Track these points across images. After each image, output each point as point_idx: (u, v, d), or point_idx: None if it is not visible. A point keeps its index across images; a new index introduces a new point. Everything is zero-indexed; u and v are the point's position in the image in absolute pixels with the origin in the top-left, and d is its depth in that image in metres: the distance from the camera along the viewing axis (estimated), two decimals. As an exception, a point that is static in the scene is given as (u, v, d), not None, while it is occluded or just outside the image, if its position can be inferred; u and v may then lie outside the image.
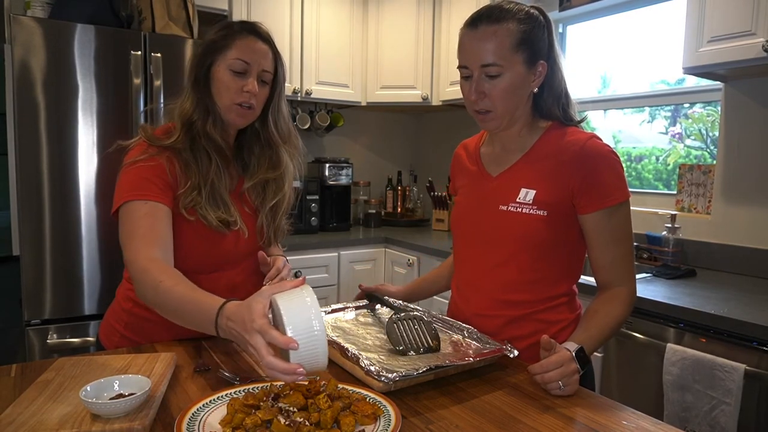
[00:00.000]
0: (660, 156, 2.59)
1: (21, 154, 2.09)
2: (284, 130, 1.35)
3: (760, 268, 2.07)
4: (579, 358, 1.01)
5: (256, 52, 1.24)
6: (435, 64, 3.19)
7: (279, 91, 1.31)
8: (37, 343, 2.14)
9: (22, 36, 2.04)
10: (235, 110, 1.24)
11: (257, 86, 1.24)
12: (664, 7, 2.46)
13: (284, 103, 1.35)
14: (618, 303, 1.15)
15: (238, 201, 1.31)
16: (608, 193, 1.12)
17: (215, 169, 1.24)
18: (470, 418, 0.90)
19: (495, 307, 1.22)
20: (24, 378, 1.02)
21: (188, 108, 1.25)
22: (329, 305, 1.38)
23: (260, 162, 1.34)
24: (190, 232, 1.22)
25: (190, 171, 1.21)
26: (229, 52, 1.23)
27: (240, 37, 1.24)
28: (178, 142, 1.22)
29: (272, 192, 1.35)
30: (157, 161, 1.20)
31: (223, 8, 2.74)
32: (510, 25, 1.11)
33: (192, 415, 0.83)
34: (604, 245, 1.16)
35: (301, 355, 0.82)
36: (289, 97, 3.03)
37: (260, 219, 1.34)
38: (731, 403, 1.49)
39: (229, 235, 1.27)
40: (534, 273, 1.18)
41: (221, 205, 1.24)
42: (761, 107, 2.08)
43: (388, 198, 3.67)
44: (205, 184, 1.22)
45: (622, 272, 1.16)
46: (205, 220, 1.21)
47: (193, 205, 1.20)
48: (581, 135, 1.17)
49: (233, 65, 1.22)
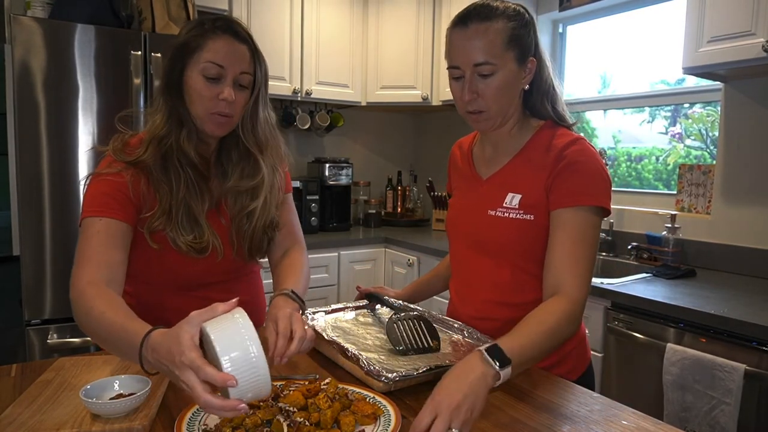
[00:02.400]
0: (660, 156, 2.59)
1: (21, 154, 2.09)
2: (262, 138, 1.21)
3: (760, 268, 2.07)
4: (494, 354, 0.88)
5: (231, 54, 1.10)
6: (435, 64, 3.19)
7: (258, 94, 1.18)
8: (37, 343, 2.14)
9: (22, 36, 2.04)
10: (212, 120, 1.12)
11: (234, 92, 1.11)
12: (664, 7, 2.46)
13: (264, 108, 1.21)
14: (556, 312, 1.01)
15: (215, 216, 1.21)
16: (578, 192, 1.09)
17: (191, 189, 1.14)
18: (470, 418, 0.90)
19: (491, 310, 1.22)
20: (24, 378, 1.02)
21: (159, 122, 1.13)
22: (329, 305, 1.39)
23: (236, 170, 1.21)
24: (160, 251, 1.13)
25: (162, 191, 1.11)
26: (202, 54, 1.09)
27: (213, 38, 1.10)
28: (146, 159, 1.11)
29: (245, 201, 1.21)
30: (121, 177, 1.10)
31: (223, 8, 2.74)
32: (500, 22, 1.10)
33: (192, 415, 0.84)
34: (560, 242, 1.08)
35: (241, 388, 0.72)
36: (289, 97, 3.04)
37: (231, 230, 1.22)
38: (731, 403, 1.49)
39: (207, 260, 1.17)
40: (526, 276, 1.18)
41: (194, 228, 1.14)
42: (761, 107, 2.08)
43: (388, 198, 3.67)
44: (178, 206, 1.12)
45: (573, 275, 1.05)
46: (174, 244, 1.12)
47: (161, 228, 1.11)
48: (568, 137, 1.15)
49: (206, 70, 1.09)
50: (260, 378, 0.74)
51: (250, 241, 1.23)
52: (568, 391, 1.01)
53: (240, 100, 1.14)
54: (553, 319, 1.01)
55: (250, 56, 1.14)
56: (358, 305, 1.40)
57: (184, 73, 1.12)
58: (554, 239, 1.10)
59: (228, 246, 1.21)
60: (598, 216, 1.10)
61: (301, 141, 3.47)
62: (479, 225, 1.22)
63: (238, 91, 1.13)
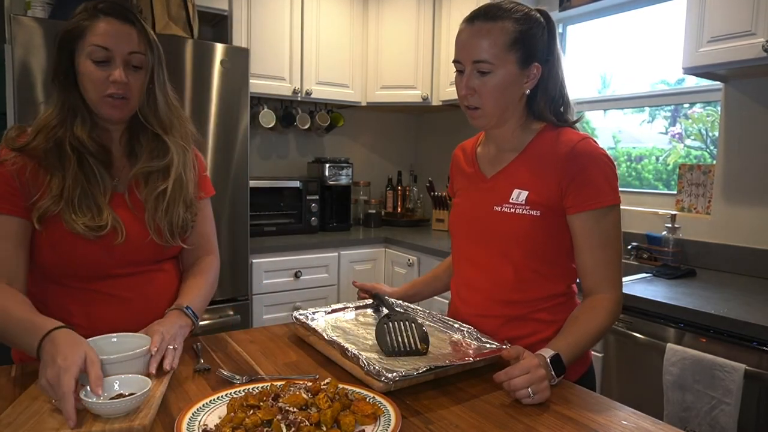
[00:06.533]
0: (660, 156, 2.59)
1: (21, 154, 2.08)
2: (165, 119, 1.21)
3: (760, 268, 2.07)
4: (554, 365, 1.00)
5: (116, 36, 1.10)
6: (435, 64, 3.19)
7: (154, 75, 1.17)
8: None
9: (22, 36, 2.04)
10: (106, 103, 1.12)
11: (126, 74, 1.11)
12: (664, 7, 2.46)
13: (162, 89, 1.20)
14: (600, 311, 1.11)
15: (122, 200, 1.19)
16: (597, 194, 1.11)
17: (87, 173, 1.13)
18: (470, 418, 0.90)
19: (493, 308, 1.23)
20: (24, 378, 1.02)
21: (50, 111, 1.14)
22: (329, 305, 1.38)
23: (144, 152, 1.21)
24: (57, 237, 1.12)
25: (54, 177, 1.11)
26: (87, 39, 1.10)
27: (96, 21, 1.10)
28: (35, 146, 1.11)
29: (156, 182, 1.20)
30: (4, 167, 1.10)
31: (223, 8, 2.74)
32: (506, 24, 1.11)
33: (192, 415, 0.83)
34: (589, 248, 1.14)
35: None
36: (289, 97, 3.04)
37: (147, 212, 1.20)
38: (731, 403, 1.49)
39: (105, 239, 1.14)
40: (529, 273, 1.18)
41: (91, 209, 1.12)
42: (761, 107, 2.08)
43: (388, 198, 3.67)
44: (73, 190, 1.10)
45: (608, 278, 1.13)
46: (70, 227, 1.10)
47: (54, 211, 1.10)
48: (574, 135, 1.17)
49: (93, 54, 1.09)
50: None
51: (170, 223, 1.21)
52: (569, 392, 1.01)
53: (135, 82, 1.14)
54: (599, 319, 1.11)
55: (138, 36, 1.14)
56: (358, 305, 1.40)
57: (74, 60, 1.12)
58: (582, 245, 1.14)
59: (143, 229, 1.19)
60: (617, 211, 1.14)
61: (301, 141, 3.47)
62: (483, 221, 1.22)
63: (131, 73, 1.13)
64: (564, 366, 1.02)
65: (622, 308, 1.16)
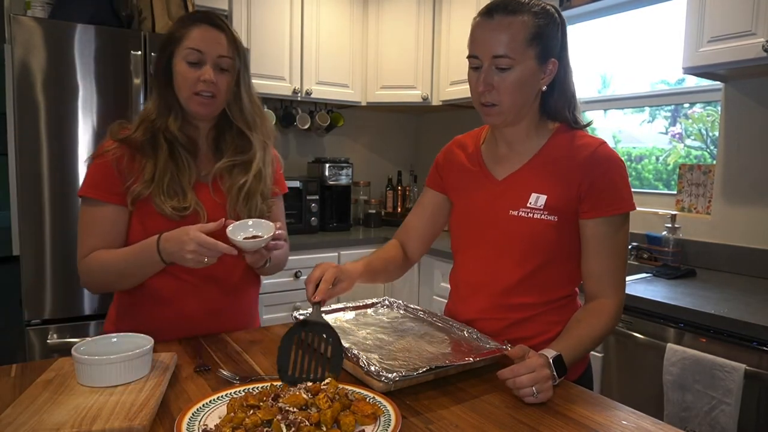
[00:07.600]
0: (660, 156, 2.59)
1: (21, 154, 2.09)
2: (250, 118, 1.33)
3: (760, 268, 2.07)
4: (556, 366, 1.00)
5: (208, 40, 1.24)
6: (435, 64, 3.19)
7: (240, 78, 1.30)
8: (37, 343, 2.14)
9: (22, 36, 2.04)
10: (196, 100, 1.25)
11: (214, 74, 1.24)
12: (664, 7, 2.46)
13: (247, 90, 1.33)
14: (603, 316, 1.12)
15: (206, 189, 1.31)
16: (614, 201, 1.11)
17: (177, 161, 1.26)
18: (470, 418, 0.90)
19: (497, 310, 1.22)
20: (24, 378, 1.02)
21: (150, 107, 1.29)
22: (329, 305, 1.37)
23: (229, 147, 1.34)
24: (150, 221, 1.24)
25: (148, 163, 1.24)
26: (184, 43, 1.24)
27: (192, 27, 1.25)
28: (135, 137, 1.25)
29: (238, 174, 1.32)
30: (105, 158, 1.24)
31: (223, 8, 2.74)
32: (525, 18, 1.09)
33: (192, 415, 0.83)
34: (598, 255, 1.14)
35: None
36: (289, 97, 3.04)
37: (229, 202, 1.31)
38: (731, 403, 1.49)
39: (188, 220, 1.24)
40: (538, 277, 1.18)
41: (179, 193, 1.25)
42: (761, 107, 2.08)
43: (388, 198, 3.67)
44: (162, 175, 1.23)
45: (612, 285, 1.14)
46: (159, 209, 1.23)
47: (145, 194, 1.22)
48: (592, 140, 1.16)
49: (188, 56, 1.23)
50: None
51: (249, 212, 1.32)
52: (569, 392, 1.01)
53: (222, 82, 1.26)
54: (602, 323, 1.12)
55: (228, 42, 1.27)
56: (357, 305, 1.40)
57: (172, 61, 1.26)
58: (592, 250, 1.14)
59: (223, 214, 1.27)
60: (628, 219, 1.15)
61: (301, 141, 3.47)
62: (497, 225, 1.20)
63: (219, 74, 1.26)
64: (566, 367, 1.02)
65: (622, 311, 1.16)
